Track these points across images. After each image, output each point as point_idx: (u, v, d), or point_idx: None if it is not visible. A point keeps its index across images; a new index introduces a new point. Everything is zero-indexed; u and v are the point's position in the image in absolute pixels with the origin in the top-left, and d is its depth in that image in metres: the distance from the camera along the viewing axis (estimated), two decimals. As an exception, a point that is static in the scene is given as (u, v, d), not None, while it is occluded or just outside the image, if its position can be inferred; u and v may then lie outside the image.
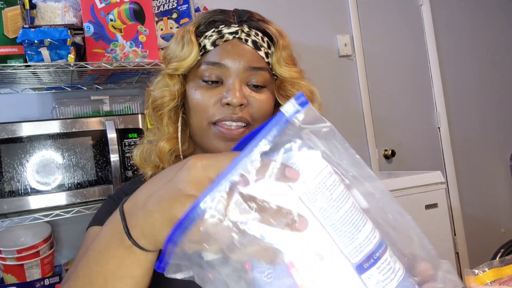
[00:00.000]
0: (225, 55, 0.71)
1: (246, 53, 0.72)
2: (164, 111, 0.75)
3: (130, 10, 1.55)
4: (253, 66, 0.71)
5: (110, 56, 1.52)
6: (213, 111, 0.70)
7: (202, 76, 0.72)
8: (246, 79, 0.72)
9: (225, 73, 0.71)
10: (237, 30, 0.72)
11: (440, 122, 2.47)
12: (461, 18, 2.61)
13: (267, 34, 0.75)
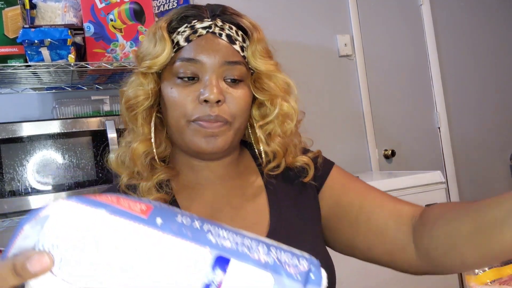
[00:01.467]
0: (199, 50, 0.69)
1: (221, 48, 0.70)
2: (138, 111, 0.72)
3: (130, 10, 1.55)
4: (229, 61, 0.70)
5: (110, 56, 1.53)
6: (191, 109, 0.69)
7: (177, 73, 0.70)
8: (222, 74, 0.70)
9: (201, 69, 0.69)
10: (210, 24, 0.71)
11: (440, 122, 2.48)
12: (461, 18, 2.61)
13: (241, 27, 0.73)
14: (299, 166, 0.80)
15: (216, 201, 0.75)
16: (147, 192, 0.71)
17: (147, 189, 0.71)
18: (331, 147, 2.17)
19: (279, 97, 0.74)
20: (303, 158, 0.79)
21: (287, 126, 0.76)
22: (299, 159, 0.79)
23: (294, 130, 0.77)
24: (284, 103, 0.75)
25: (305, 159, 0.79)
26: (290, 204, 0.77)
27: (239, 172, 0.79)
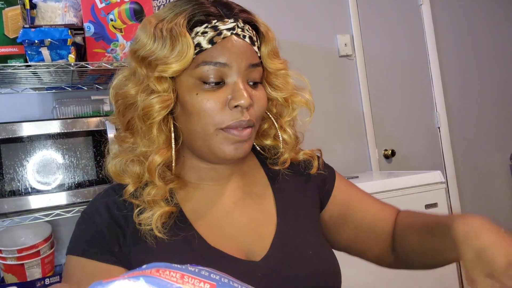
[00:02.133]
0: (226, 53, 0.65)
1: (246, 50, 0.67)
2: (155, 121, 0.66)
3: (131, 10, 1.55)
4: (253, 63, 0.68)
5: (110, 56, 1.52)
6: (221, 116, 0.65)
7: (202, 78, 0.65)
8: (247, 77, 0.68)
9: (227, 73, 0.66)
10: (234, 26, 0.67)
11: (440, 122, 2.48)
12: (461, 18, 2.61)
13: (255, 27, 0.71)
14: (302, 160, 0.82)
15: (222, 202, 0.74)
16: (155, 203, 0.67)
17: (157, 200, 0.67)
18: (331, 147, 2.17)
19: (294, 94, 0.75)
20: (305, 151, 0.81)
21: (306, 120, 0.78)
22: (301, 153, 0.81)
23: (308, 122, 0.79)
24: (301, 99, 0.76)
25: (308, 151, 0.81)
26: (295, 203, 0.78)
27: (243, 172, 0.79)
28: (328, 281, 0.72)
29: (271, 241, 0.71)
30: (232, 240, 0.70)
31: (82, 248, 0.67)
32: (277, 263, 0.69)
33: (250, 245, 0.71)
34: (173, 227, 0.69)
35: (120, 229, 0.68)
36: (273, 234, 0.72)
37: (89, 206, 0.72)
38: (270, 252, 0.70)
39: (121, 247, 0.67)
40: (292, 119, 0.77)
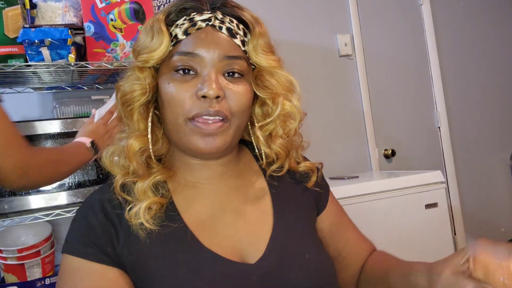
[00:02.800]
0: (198, 44, 0.66)
1: (221, 41, 0.67)
2: (135, 106, 0.69)
3: (131, 10, 1.55)
4: (229, 55, 0.67)
5: (110, 56, 1.53)
6: (189, 106, 0.65)
7: (175, 68, 0.67)
8: (222, 69, 0.67)
9: (200, 64, 0.66)
10: (210, 17, 0.67)
11: (440, 121, 2.48)
12: (461, 18, 2.61)
13: (242, 21, 0.70)
14: (303, 172, 0.80)
15: (217, 201, 0.73)
16: (143, 195, 0.67)
17: (143, 191, 0.68)
18: (331, 147, 2.17)
19: (280, 96, 0.71)
20: (307, 163, 0.80)
21: (290, 126, 0.74)
22: (302, 164, 0.79)
23: (296, 130, 0.75)
24: (286, 102, 0.72)
25: (309, 164, 0.80)
26: (293, 207, 0.77)
27: (239, 171, 0.77)
28: (324, 287, 0.70)
29: (267, 243, 0.69)
30: (226, 241, 0.68)
31: (77, 248, 0.67)
32: (273, 266, 0.67)
33: (245, 246, 0.69)
34: (164, 219, 0.68)
35: (114, 228, 0.68)
36: (269, 236, 0.70)
37: (84, 203, 0.72)
38: (265, 254, 0.68)
39: (115, 247, 0.67)
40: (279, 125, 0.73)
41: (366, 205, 1.64)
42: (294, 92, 0.73)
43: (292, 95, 0.73)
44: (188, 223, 0.68)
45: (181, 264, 0.65)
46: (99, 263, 0.65)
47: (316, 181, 0.80)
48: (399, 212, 1.67)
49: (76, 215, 0.72)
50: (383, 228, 1.65)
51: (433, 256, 0.80)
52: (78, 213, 0.71)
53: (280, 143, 0.74)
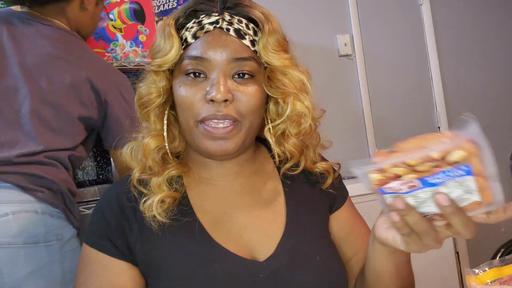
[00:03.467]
0: (206, 47, 0.67)
1: (229, 44, 0.67)
2: (151, 108, 0.71)
3: (130, 10, 1.55)
4: (238, 57, 0.67)
5: (110, 55, 1.53)
6: (198, 109, 0.66)
7: (185, 71, 0.68)
8: (231, 72, 0.67)
9: (208, 67, 0.67)
10: (217, 19, 0.68)
11: (440, 121, 2.48)
12: (461, 18, 2.61)
13: (252, 20, 0.70)
14: (318, 172, 0.79)
15: (230, 198, 0.73)
16: (158, 188, 0.70)
17: (158, 185, 0.70)
18: (331, 147, 2.17)
19: (291, 95, 0.71)
20: (323, 164, 0.79)
21: (302, 126, 0.74)
22: (319, 165, 0.78)
23: (310, 130, 0.76)
24: (296, 102, 0.71)
25: (325, 165, 0.79)
26: (307, 208, 0.76)
27: (254, 170, 0.77)
28: None
29: (278, 242, 0.70)
30: (237, 238, 0.69)
31: (93, 240, 0.71)
32: (281, 266, 0.67)
33: (255, 244, 0.69)
34: (177, 213, 0.70)
35: (127, 221, 0.71)
36: (280, 235, 0.70)
37: (103, 196, 0.76)
38: (275, 253, 0.68)
39: (127, 240, 0.69)
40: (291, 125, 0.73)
41: (366, 205, 1.63)
42: (307, 91, 0.74)
43: (304, 95, 0.73)
44: (200, 218, 0.70)
45: (191, 257, 0.67)
46: (112, 256, 0.69)
47: (332, 183, 0.79)
48: (399, 212, 1.67)
49: (95, 207, 0.75)
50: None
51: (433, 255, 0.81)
52: (97, 206, 0.75)
53: (293, 143, 0.74)
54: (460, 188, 0.52)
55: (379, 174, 0.52)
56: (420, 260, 0.84)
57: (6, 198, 1.00)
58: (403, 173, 0.50)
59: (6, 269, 0.96)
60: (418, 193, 0.52)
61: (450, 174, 0.50)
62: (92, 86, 1.14)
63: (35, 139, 1.06)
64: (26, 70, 1.10)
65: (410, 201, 0.52)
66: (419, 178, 0.50)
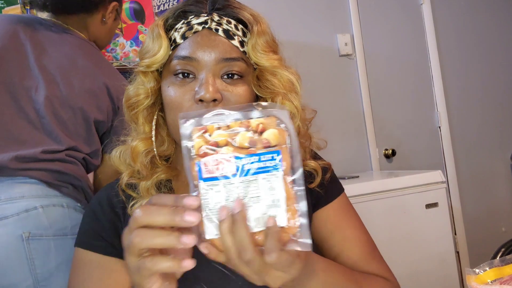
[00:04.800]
0: (195, 47, 0.67)
1: (218, 44, 0.67)
2: (139, 110, 0.71)
3: (131, 10, 1.55)
4: (226, 57, 0.67)
5: (110, 55, 1.53)
6: (187, 109, 0.66)
7: (174, 72, 0.68)
8: (220, 72, 0.67)
9: (197, 67, 0.67)
10: (206, 19, 0.68)
11: (440, 121, 2.47)
12: (462, 17, 2.60)
13: (241, 21, 0.70)
14: (307, 171, 0.77)
15: None
16: (146, 192, 0.69)
17: (146, 189, 0.70)
18: (331, 147, 2.16)
19: (279, 95, 0.71)
20: (311, 163, 0.77)
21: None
22: (307, 163, 0.76)
23: (299, 130, 0.74)
24: (285, 102, 0.71)
25: (313, 164, 0.77)
26: None
27: None
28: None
29: None
30: None
31: (87, 242, 0.70)
32: None
33: None
34: None
35: (120, 222, 0.71)
36: None
37: (93, 199, 0.76)
38: None
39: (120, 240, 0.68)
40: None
41: (366, 205, 1.64)
42: (296, 92, 0.73)
43: (293, 95, 0.72)
44: None
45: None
46: (108, 255, 0.69)
47: (321, 182, 0.77)
48: (400, 212, 1.67)
49: (85, 211, 0.76)
50: (384, 228, 1.65)
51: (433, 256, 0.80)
52: (88, 208, 0.75)
53: None
54: (270, 194, 0.46)
55: (202, 139, 0.46)
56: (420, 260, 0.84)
57: (34, 193, 1.04)
58: (223, 141, 0.46)
59: (38, 260, 1.01)
60: (230, 186, 0.46)
61: (264, 161, 0.46)
62: (108, 92, 1.19)
63: (56, 138, 1.10)
64: (47, 73, 1.14)
65: (222, 196, 0.46)
66: (235, 156, 0.45)
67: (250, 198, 0.46)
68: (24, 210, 1.00)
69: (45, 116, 1.10)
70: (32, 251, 1.00)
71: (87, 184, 1.16)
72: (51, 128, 1.10)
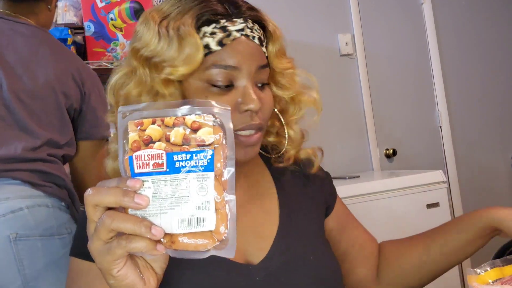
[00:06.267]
0: (237, 56, 0.63)
1: (255, 52, 0.65)
2: None
3: (131, 9, 1.55)
4: (262, 65, 0.66)
5: (110, 55, 1.53)
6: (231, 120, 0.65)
7: (212, 81, 0.63)
8: (256, 79, 0.66)
9: (237, 76, 0.64)
10: (243, 27, 0.64)
11: (441, 121, 2.47)
12: (463, 16, 2.60)
13: (262, 26, 0.68)
14: (304, 159, 0.79)
15: None
16: None
17: None
18: (332, 147, 2.17)
19: (301, 94, 0.73)
20: (307, 150, 0.78)
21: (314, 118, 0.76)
22: (303, 151, 0.78)
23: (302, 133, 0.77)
24: (308, 99, 0.74)
25: (309, 150, 0.78)
26: (300, 206, 0.76)
27: (247, 171, 0.76)
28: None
29: (272, 243, 0.69)
30: None
31: (84, 252, 0.65)
32: (276, 267, 0.67)
33: (249, 246, 0.68)
34: None
35: None
36: (274, 235, 0.70)
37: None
38: (269, 254, 0.68)
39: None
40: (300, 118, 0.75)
41: (367, 205, 1.64)
42: (312, 87, 0.75)
43: (312, 91, 0.75)
44: None
45: (183, 264, 0.65)
46: None
47: (319, 173, 0.80)
48: (400, 212, 1.67)
49: (79, 218, 0.73)
50: (384, 228, 1.64)
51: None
52: (82, 216, 0.71)
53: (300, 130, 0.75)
54: (200, 195, 0.44)
55: (137, 133, 0.45)
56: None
57: (19, 193, 1.04)
58: (157, 136, 0.45)
59: (26, 260, 1.01)
60: (159, 183, 0.44)
61: (196, 159, 0.44)
62: (74, 78, 1.18)
63: (32, 133, 1.09)
64: (7, 67, 1.12)
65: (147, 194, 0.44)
66: (167, 152, 0.44)
67: (178, 197, 0.44)
68: (10, 211, 1.00)
69: (16, 112, 1.09)
70: (20, 252, 1.00)
71: (70, 182, 1.15)
72: (25, 123, 1.09)
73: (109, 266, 0.45)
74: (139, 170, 0.44)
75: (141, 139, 0.45)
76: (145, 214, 0.44)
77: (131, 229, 0.43)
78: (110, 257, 0.45)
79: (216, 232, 0.45)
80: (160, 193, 0.44)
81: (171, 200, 0.44)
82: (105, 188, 0.45)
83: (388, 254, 0.83)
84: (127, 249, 0.44)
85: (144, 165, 0.44)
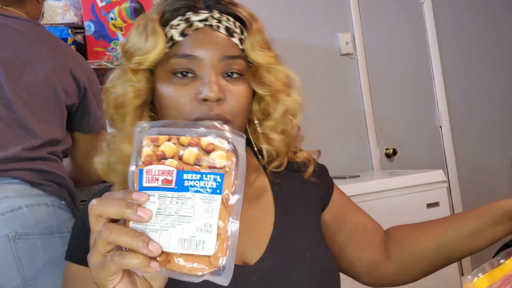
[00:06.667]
0: (197, 45, 0.64)
1: (220, 42, 0.65)
2: (128, 109, 0.66)
3: (131, 9, 1.55)
4: (228, 55, 0.65)
5: (111, 55, 1.53)
6: (189, 109, 0.63)
7: (173, 70, 0.65)
8: (221, 70, 0.65)
9: (199, 65, 0.64)
10: (207, 16, 0.66)
11: (441, 120, 2.47)
12: (463, 16, 2.60)
13: (238, 18, 0.69)
14: (300, 162, 0.79)
15: None
16: None
17: None
18: (332, 146, 2.17)
19: (281, 92, 0.70)
20: (303, 153, 0.78)
21: (291, 123, 0.72)
22: (299, 155, 0.78)
23: (297, 126, 0.75)
24: (287, 98, 0.70)
25: (305, 154, 0.78)
26: (296, 204, 0.75)
27: None
28: (325, 287, 0.70)
29: (267, 242, 0.69)
30: None
31: (78, 256, 0.66)
32: (272, 267, 0.66)
33: (245, 247, 0.68)
34: None
35: None
36: (269, 235, 0.69)
37: (83, 208, 0.72)
38: (265, 255, 0.67)
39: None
40: (281, 122, 0.72)
41: (367, 205, 1.63)
42: (294, 87, 0.72)
43: (292, 90, 0.72)
44: None
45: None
46: None
47: (314, 171, 0.79)
48: (401, 212, 1.67)
49: (74, 222, 0.72)
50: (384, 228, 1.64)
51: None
52: (77, 219, 0.72)
53: (281, 139, 0.72)
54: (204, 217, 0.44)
55: (151, 148, 0.46)
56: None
57: (18, 192, 1.03)
58: (170, 153, 0.45)
59: (26, 259, 1.01)
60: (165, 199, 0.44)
61: (205, 180, 0.44)
62: (72, 74, 1.18)
63: (32, 132, 1.09)
64: (5, 65, 1.11)
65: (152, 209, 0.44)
66: (178, 170, 0.44)
67: (181, 216, 0.44)
68: (9, 210, 1.00)
69: (17, 111, 1.08)
70: (19, 251, 1.00)
71: (70, 181, 1.15)
72: (26, 122, 1.08)
73: (104, 282, 0.45)
74: (147, 184, 0.44)
75: (154, 154, 0.45)
76: (146, 229, 0.43)
77: (127, 243, 0.43)
78: (104, 273, 0.44)
79: (214, 257, 0.44)
80: (165, 209, 0.44)
81: (174, 218, 0.44)
82: (109, 199, 0.45)
83: (399, 238, 0.83)
84: (120, 265, 0.43)
85: (153, 180, 0.44)
